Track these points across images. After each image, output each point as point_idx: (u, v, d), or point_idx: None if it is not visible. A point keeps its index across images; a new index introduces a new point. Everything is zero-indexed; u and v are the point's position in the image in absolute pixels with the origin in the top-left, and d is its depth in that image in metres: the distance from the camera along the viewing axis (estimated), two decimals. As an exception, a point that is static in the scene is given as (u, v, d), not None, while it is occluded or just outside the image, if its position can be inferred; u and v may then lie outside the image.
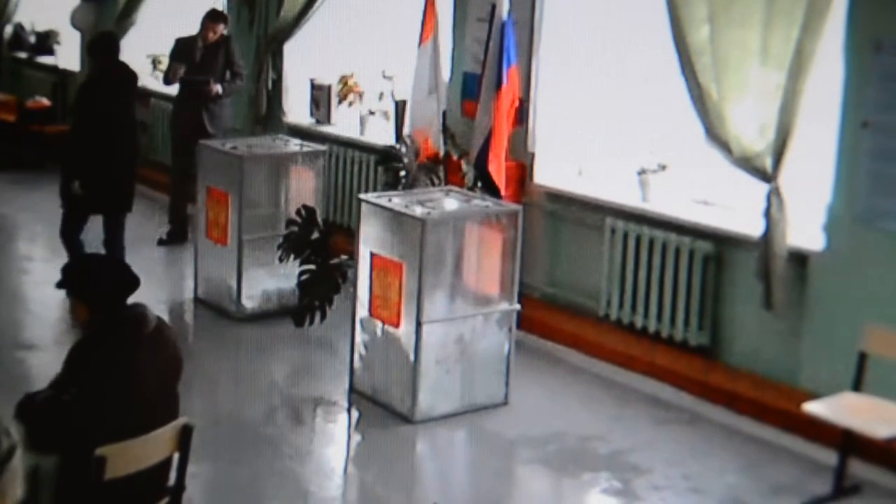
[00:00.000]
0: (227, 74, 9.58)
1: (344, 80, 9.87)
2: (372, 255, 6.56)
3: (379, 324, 6.58)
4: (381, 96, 9.44)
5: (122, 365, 4.05)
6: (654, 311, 7.21)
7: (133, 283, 4.29)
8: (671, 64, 6.73)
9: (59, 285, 4.32)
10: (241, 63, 9.64)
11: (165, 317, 7.95)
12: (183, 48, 9.61)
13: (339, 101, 9.94)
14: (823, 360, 6.27)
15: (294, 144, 8.57)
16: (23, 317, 8.08)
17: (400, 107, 8.81)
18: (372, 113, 9.59)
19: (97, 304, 4.21)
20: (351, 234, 7.07)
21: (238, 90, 9.69)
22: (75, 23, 12.71)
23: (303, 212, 7.39)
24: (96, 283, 4.25)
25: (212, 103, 9.52)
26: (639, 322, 7.32)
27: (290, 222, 7.46)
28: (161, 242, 9.69)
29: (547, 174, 8.05)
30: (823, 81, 6.21)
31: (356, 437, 6.58)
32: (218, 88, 9.42)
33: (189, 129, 9.39)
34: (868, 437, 5.46)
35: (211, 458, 5.68)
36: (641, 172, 7.48)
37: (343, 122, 9.94)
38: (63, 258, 9.38)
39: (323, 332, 7.40)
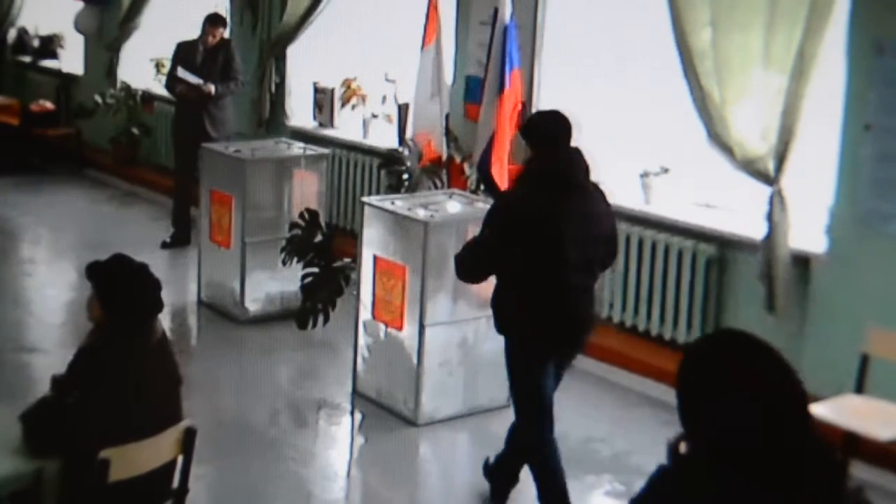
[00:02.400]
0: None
1: (347, 84, 9.88)
2: (375, 257, 6.57)
3: (382, 326, 6.59)
4: (384, 100, 9.45)
5: (122, 375, 4.03)
6: (657, 314, 7.21)
7: (153, 305, 4.21)
8: (673, 67, 6.74)
9: (87, 274, 4.27)
10: (237, 67, 9.64)
11: (169, 320, 8.05)
12: (184, 52, 9.62)
13: (342, 105, 9.95)
14: (826, 363, 6.27)
15: (297, 148, 8.58)
16: (25, 320, 8.09)
17: (403, 110, 8.83)
18: (375, 116, 9.60)
19: (111, 308, 4.17)
20: (354, 237, 7.09)
21: (233, 92, 9.67)
22: (79, 27, 12.73)
23: (306, 215, 7.41)
24: (119, 288, 4.19)
25: (213, 106, 9.53)
26: (641, 325, 7.32)
27: (293, 225, 7.48)
28: (164, 245, 9.70)
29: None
30: (826, 84, 6.22)
31: (359, 440, 6.58)
32: (211, 88, 9.42)
33: (191, 132, 9.40)
34: (870, 439, 5.46)
35: (214, 461, 5.70)
36: (644, 175, 7.48)
37: (346, 126, 9.95)
38: (66, 261, 9.44)
39: (326, 334, 7.41)
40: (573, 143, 5.15)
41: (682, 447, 2.50)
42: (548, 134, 5.11)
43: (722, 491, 2.39)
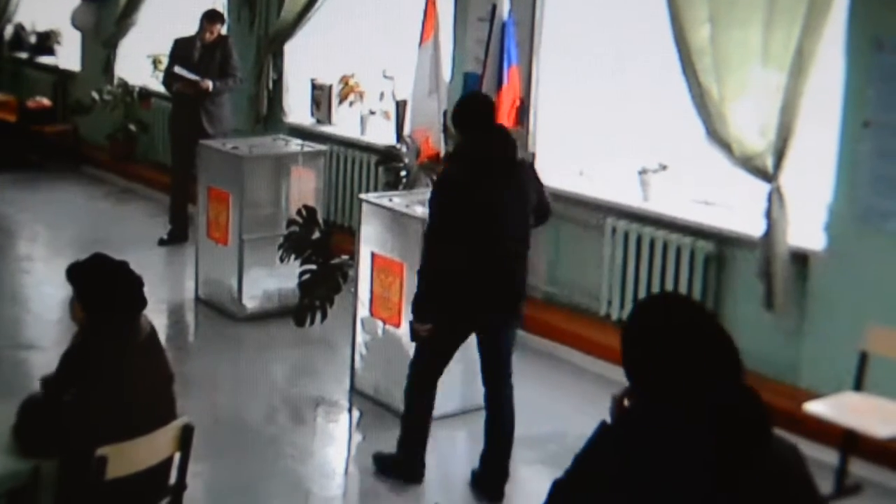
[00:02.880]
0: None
1: (344, 80, 9.87)
2: (372, 254, 6.56)
3: (380, 323, 6.59)
4: (381, 96, 9.44)
5: (110, 375, 3.99)
6: (655, 311, 7.19)
7: (134, 304, 4.14)
8: (672, 64, 6.73)
9: (66, 276, 4.24)
10: (235, 64, 9.62)
11: (166, 317, 8.05)
12: (182, 49, 9.61)
13: (340, 101, 9.94)
14: (824, 360, 6.27)
15: (295, 144, 8.56)
16: (23, 317, 8.08)
17: (400, 107, 8.82)
18: (373, 113, 9.59)
19: (90, 309, 4.13)
20: (352, 234, 7.07)
21: (230, 88, 9.66)
22: (76, 23, 12.72)
23: (303, 212, 7.39)
24: (96, 289, 4.14)
25: (210, 103, 9.52)
26: (640, 322, 7.30)
27: (290, 222, 7.46)
28: (162, 242, 9.70)
29: (548, 174, 8.00)
30: (824, 81, 6.21)
31: (357, 437, 6.58)
32: (208, 84, 9.41)
33: (187, 128, 9.39)
34: (869, 436, 5.46)
35: (212, 458, 5.69)
36: (642, 172, 7.47)
37: (344, 122, 9.94)
38: (63, 258, 9.43)
39: (324, 331, 7.40)
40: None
41: (626, 402, 2.64)
42: (478, 117, 5.49)
43: (666, 443, 2.46)
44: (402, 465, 5.79)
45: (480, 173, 5.32)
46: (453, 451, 6.50)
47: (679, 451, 2.45)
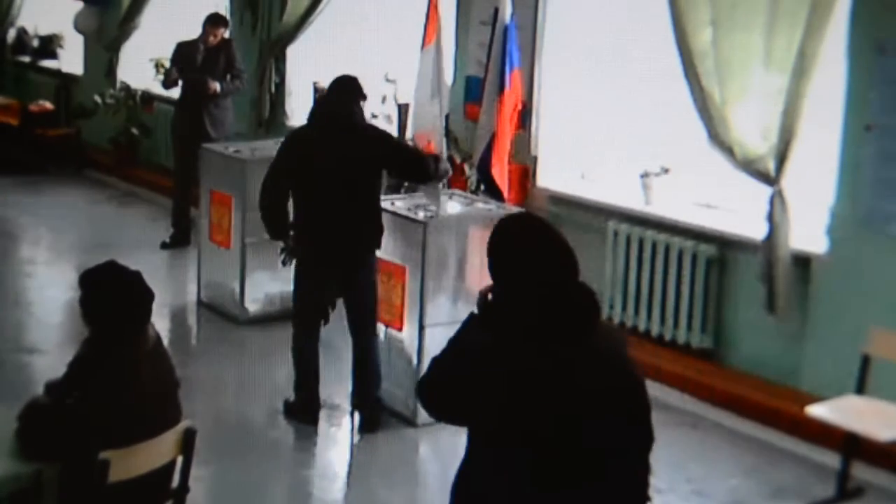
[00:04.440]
0: (228, 77, 9.60)
1: (347, 84, 9.86)
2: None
3: (382, 327, 6.58)
4: (383, 100, 9.43)
5: (116, 383, 3.98)
6: (658, 315, 7.20)
7: (133, 318, 4.09)
8: (674, 67, 6.73)
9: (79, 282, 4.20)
10: (240, 67, 9.65)
11: (168, 321, 8.05)
12: (184, 52, 9.62)
13: (342, 105, 9.93)
14: (827, 363, 6.26)
15: (297, 148, 8.55)
16: (25, 320, 8.08)
17: (403, 110, 8.82)
18: (375, 116, 9.56)
19: (88, 318, 4.11)
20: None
21: (236, 90, 9.68)
22: (78, 27, 12.73)
23: (306, 215, 7.38)
24: (95, 301, 4.10)
25: (213, 106, 9.53)
26: (642, 325, 7.31)
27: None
28: (164, 246, 9.70)
29: (550, 177, 8.05)
30: (826, 84, 6.22)
31: (359, 440, 6.57)
32: (216, 86, 9.42)
33: (190, 132, 9.40)
34: (871, 439, 5.46)
35: (214, 461, 5.69)
36: (644, 175, 7.47)
37: (346, 126, 9.93)
38: (66, 261, 9.44)
39: (326, 335, 7.36)
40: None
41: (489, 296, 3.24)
42: (332, 88, 6.32)
43: (516, 322, 3.07)
44: (300, 409, 6.40)
45: (313, 132, 6.20)
46: (453, 453, 6.48)
47: (524, 328, 3.05)
